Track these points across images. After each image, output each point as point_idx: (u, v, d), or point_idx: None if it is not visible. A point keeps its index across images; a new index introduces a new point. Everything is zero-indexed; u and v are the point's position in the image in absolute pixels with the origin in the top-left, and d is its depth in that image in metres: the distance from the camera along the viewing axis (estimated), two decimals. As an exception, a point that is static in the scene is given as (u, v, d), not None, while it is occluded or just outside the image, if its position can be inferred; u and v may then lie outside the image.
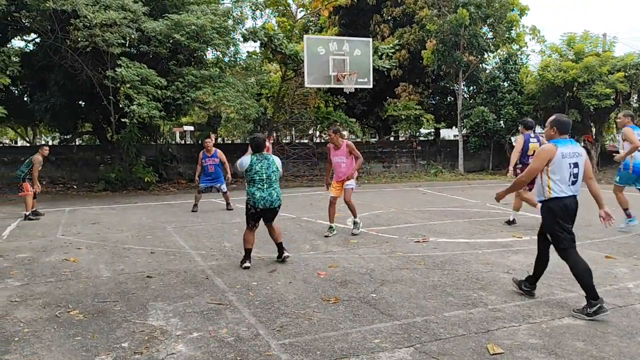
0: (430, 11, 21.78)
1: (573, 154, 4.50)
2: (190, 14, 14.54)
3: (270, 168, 6.19)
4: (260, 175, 6.14)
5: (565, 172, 4.45)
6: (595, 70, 18.60)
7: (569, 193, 4.49)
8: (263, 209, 6.17)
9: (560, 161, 4.44)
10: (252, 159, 6.20)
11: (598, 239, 7.50)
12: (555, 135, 4.57)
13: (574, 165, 4.48)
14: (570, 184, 4.49)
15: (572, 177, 4.48)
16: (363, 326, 4.14)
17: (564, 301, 4.70)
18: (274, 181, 6.23)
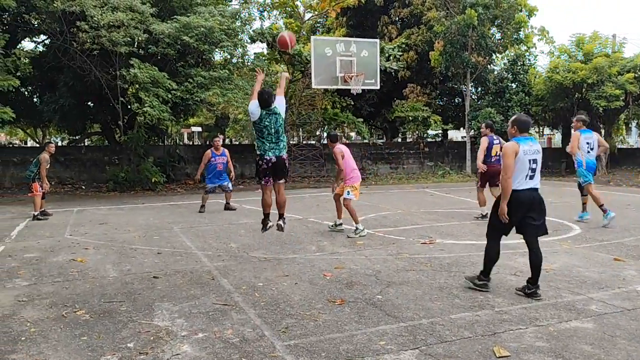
0: (438, 12, 21.71)
1: (533, 151, 4.88)
2: (198, 15, 14.60)
3: (278, 122, 6.50)
4: (268, 129, 6.44)
5: (524, 168, 4.83)
6: (605, 71, 18.48)
7: (525, 187, 4.87)
8: (271, 159, 6.47)
9: (522, 158, 4.82)
10: (261, 113, 6.42)
11: (607, 241, 7.43)
12: (516, 133, 4.94)
13: (532, 161, 4.86)
14: (528, 179, 4.87)
15: (530, 172, 4.87)
16: (368, 328, 4.12)
17: (571, 304, 4.66)
18: (280, 134, 6.55)
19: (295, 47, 17.69)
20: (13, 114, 13.60)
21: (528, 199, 4.89)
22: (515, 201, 4.85)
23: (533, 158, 4.86)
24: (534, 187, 4.93)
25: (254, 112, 6.44)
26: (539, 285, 4.90)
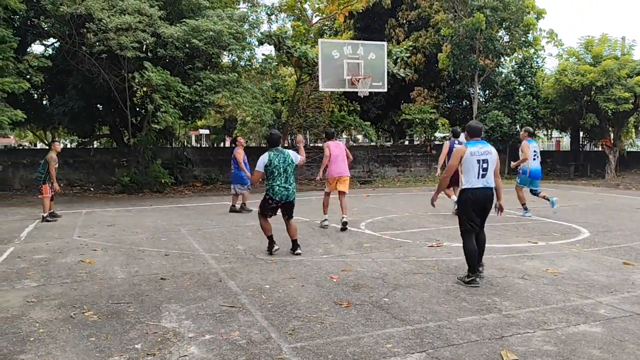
0: (446, 15, 21.67)
1: (483, 152, 5.43)
2: (206, 19, 14.66)
3: (287, 161, 6.67)
4: (278, 169, 6.65)
5: (474, 168, 5.37)
6: (614, 73, 18.35)
7: (478, 185, 5.37)
8: (280, 201, 6.68)
9: (469, 158, 5.39)
10: (270, 155, 6.68)
11: (616, 245, 7.38)
12: (468, 138, 5.66)
13: (483, 161, 5.39)
14: (480, 177, 5.38)
15: (481, 171, 5.38)
16: (375, 330, 4.12)
17: (579, 308, 4.63)
18: (290, 174, 6.71)
19: (302, 49, 17.73)
20: (24, 115, 13.72)
21: (483, 196, 5.41)
22: (472, 197, 5.38)
23: (483, 158, 5.39)
24: (488, 186, 5.42)
25: (260, 162, 6.70)
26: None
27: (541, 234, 8.30)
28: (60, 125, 20.42)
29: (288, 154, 6.76)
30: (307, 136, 24.29)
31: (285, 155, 6.71)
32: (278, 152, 6.70)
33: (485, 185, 5.40)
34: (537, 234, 8.37)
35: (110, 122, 19.44)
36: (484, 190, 5.40)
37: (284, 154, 6.73)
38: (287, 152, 6.80)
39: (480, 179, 5.37)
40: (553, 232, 8.55)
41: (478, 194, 5.38)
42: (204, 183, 19.25)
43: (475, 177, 5.37)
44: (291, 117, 20.28)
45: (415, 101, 23.02)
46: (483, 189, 5.39)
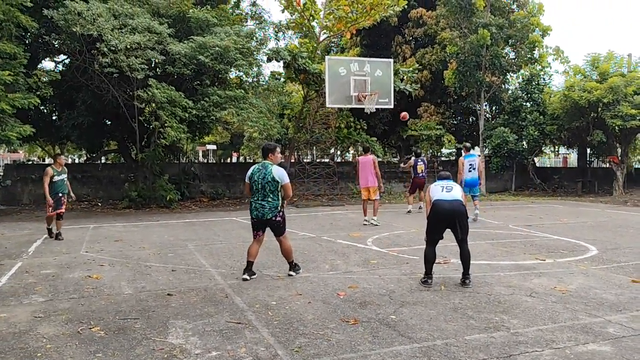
0: (452, 32, 21.83)
1: (447, 185, 6.31)
2: (214, 35, 14.85)
3: (266, 178, 6.32)
4: (256, 185, 6.38)
5: (436, 190, 6.28)
6: (620, 90, 18.36)
7: (443, 198, 6.11)
8: (255, 219, 6.44)
9: (434, 187, 6.38)
10: (253, 168, 6.46)
11: (624, 263, 7.32)
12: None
13: (446, 185, 6.29)
14: (445, 192, 6.18)
15: (445, 190, 6.20)
16: (382, 348, 4.10)
17: (588, 326, 4.59)
18: (268, 192, 6.32)
19: (315, 66, 17.86)
20: (32, 129, 13.88)
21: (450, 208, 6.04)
22: (437, 210, 6.10)
23: (445, 184, 6.30)
24: (453, 199, 6.08)
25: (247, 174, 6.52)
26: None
27: (549, 251, 8.25)
28: (68, 141, 20.62)
29: (270, 170, 6.30)
30: (313, 152, 24.37)
31: (267, 171, 6.30)
32: (261, 167, 6.38)
33: (450, 198, 6.08)
34: (545, 251, 8.32)
35: (119, 137, 19.62)
36: (450, 203, 6.05)
37: (267, 170, 6.32)
38: (271, 168, 6.33)
39: (445, 194, 6.15)
40: (561, 249, 8.50)
41: (442, 207, 6.05)
42: (211, 198, 19.32)
43: (440, 193, 6.18)
44: (298, 133, 20.38)
45: (422, 117, 23.09)
46: (449, 201, 6.06)
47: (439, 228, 6.14)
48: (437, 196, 6.18)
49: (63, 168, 9.98)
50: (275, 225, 6.46)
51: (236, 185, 20.89)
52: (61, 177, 9.83)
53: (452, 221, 6.05)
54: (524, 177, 23.50)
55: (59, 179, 9.75)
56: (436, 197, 6.17)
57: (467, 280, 6.07)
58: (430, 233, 6.20)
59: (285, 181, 6.37)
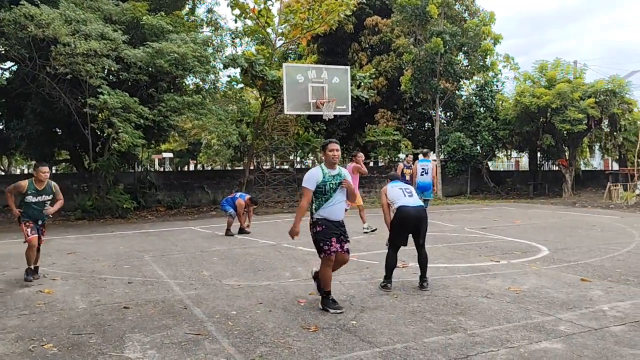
0: (407, 40, 22.29)
1: (403, 186, 6.39)
2: (170, 42, 14.64)
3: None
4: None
5: (397, 193, 6.28)
6: (567, 96, 19.14)
7: (408, 204, 6.12)
8: None
9: (391, 189, 6.37)
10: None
11: (574, 262, 7.62)
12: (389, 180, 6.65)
13: (405, 188, 6.36)
14: (408, 197, 6.22)
15: (407, 194, 6.25)
16: (343, 354, 4.12)
17: (541, 325, 4.75)
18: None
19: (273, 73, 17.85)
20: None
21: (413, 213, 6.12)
22: (400, 216, 6.11)
23: (403, 187, 6.38)
24: (417, 205, 6.22)
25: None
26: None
27: (503, 253, 8.50)
28: (17, 150, 19.85)
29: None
30: (272, 158, 24.30)
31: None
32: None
33: (413, 204, 6.17)
34: (499, 252, 8.57)
35: (70, 146, 19.03)
36: (413, 208, 6.14)
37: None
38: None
39: (408, 198, 6.21)
40: (514, 250, 8.77)
41: (406, 212, 6.12)
42: (168, 208, 18.96)
43: (403, 198, 6.21)
44: (256, 139, 20.30)
45: (379, 123, 23.42)
46: (412, 207, 6.14)
47: (405, 234, 6.21)
48: (401, 201, 6.17)
49: (47, 185, 6.95)
50: None
51: (194, 194, 20.59)
52: (40, 198, 6.88)
53: (417, 227, 6.15)
54: (479, 180, 24.15)
55: (35, 200, 6.86)
56: (401, 203, 6.15)
57: (424, 283, 6.18)
58: (395, 239, 6.25)
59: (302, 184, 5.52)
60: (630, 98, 20.11)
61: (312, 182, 5.39)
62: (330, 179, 5.39)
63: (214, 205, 19.20)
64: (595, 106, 19.16)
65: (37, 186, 6.91)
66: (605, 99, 19.41)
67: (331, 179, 5.40)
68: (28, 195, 6.85)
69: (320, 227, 5.36)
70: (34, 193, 6.88)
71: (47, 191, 7.01)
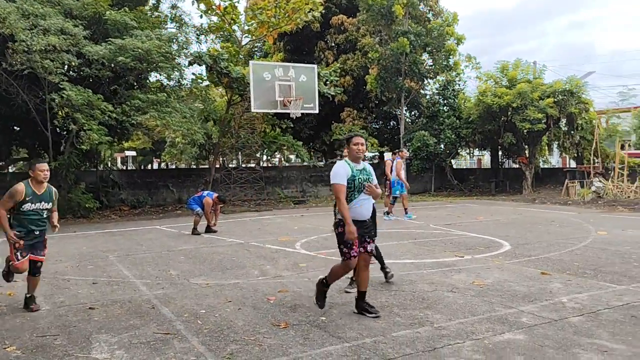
0: (372, 39, 22.50)
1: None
2: (134, 38, 14.36)
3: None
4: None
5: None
6: (527, 96, 19.69)
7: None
8: None
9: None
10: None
11: (534, 257, 7.88)
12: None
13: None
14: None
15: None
16: (313, 350, 4.17)
17: (504, 317, 4.90)
18: None
19: (238, 70, 17.73)
20: None
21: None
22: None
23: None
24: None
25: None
26: None
27: (467, 248, 8.71)
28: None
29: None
30: (239, 157, 24.16)
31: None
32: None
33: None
34: (463, 248, 8.78)
35: (29, 144, 18.44)
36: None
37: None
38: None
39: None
40: (478, 245, 9.00)
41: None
42: (132, 207, 18.61)
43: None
44: (223, 137, 20.13)
45: (345, 122, 23.57)
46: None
47: None
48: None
49: (47, 190, 5.56)
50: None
51: (159, 193, 20.27)
52: (39, 205, 5.45)
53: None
54: (443, 178, 24.60)
55: (33, 208, 5.41)
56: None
57: (388, 271, 6.31)
58: None
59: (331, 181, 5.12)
60: (587, 98, 20.83)
61: (343, 177, 4.97)
62: (358, 173, 5.05)
63: (179, 204, 18.95)
64: (554, 106, 19.77)
65: (35, 190, 5.44)
66: (563, 99, 20.05)
67: (359, 173, 5.06)
68: (25, 204, 5.33)
69: (343, 229, 5.03)
70: (32, 199, 5.38)
71: (47, 197, 5.52)
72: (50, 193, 5.62)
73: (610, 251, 8.20)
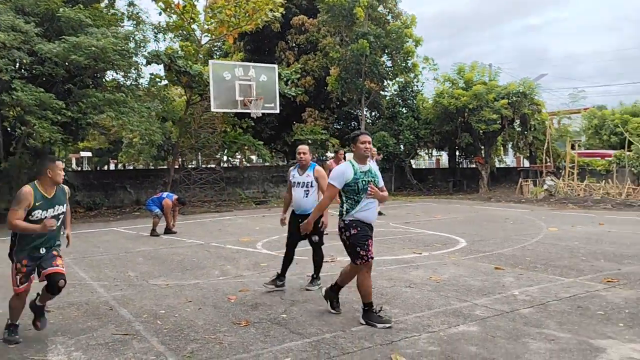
0: (333, 39, 22.68)
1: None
2: (89, 36, 14.00)
3: None
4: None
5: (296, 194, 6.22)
6: (483, 97, 20.27)
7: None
8: None
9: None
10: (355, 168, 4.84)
11: (488, 252, 8.15)
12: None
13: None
14: None
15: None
16: (274, 346, 4.22)
17: (459, 310, 5.08)
18: None
19: (197, 68, 17.54)
20: None
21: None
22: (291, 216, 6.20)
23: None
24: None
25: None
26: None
27: (425, 245, 8.93)
28: None
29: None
30: (199, 157, 23.88)
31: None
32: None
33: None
34: (422, 245, 9.00)
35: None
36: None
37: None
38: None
39: None
40: (435, 242, 9.23)
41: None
42: (88, 209, 18.15)
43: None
44: (182, 137, 19.87)
45: (307, 122, 23.65)
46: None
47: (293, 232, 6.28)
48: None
49: (58, 191, 4.60)
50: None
51: (116, 194, 19.83)
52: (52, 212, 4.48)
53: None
54: (402, 178, 25.02)
55: (46, 216, 4.41)
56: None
57: (313, 283, 6.13)
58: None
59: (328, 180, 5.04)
60: (539, 99, 21.60)
61: (340, 180, 4.76)
62: (362, 175, 4.76)
63: (138, 206, 18.60)
64: (508, 107, 20.41)
65: (45, 193, 4.46)
66: (517, 100, 20.72)
67: (363, 175, 4.77)
68: (35, 210, 4.36)
69: (356, 230, 4.75)
70: (43, 205, 4.41)
71: (60, 199, 4.56)
72: (62, 191, 4.64)
73: (560, 246, 8.56)
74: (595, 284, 5.98)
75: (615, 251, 8.03)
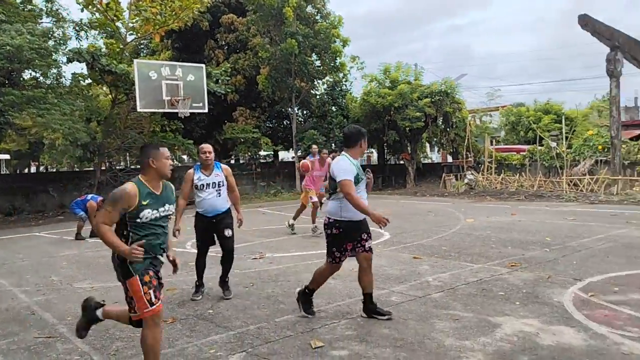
0: (263, 39, 22.78)
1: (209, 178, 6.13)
2: (3, 33, 13.37)
3: None
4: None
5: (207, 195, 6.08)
6: (408, 96, 21.12)
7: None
8: None
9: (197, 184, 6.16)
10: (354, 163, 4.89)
11: (409, 244, 8.65)
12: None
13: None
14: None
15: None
16: (199, 340, 4.38)
17: (377, 297, 5.39)
18: None
19: (122, 67, 17.11)
20: None
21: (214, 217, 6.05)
22: (201, 218, 6.15)
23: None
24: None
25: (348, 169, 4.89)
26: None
27: (351, 240, 9.30)
28: None
29: None
30: (126, 158, 23.27)
31: None
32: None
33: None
34: (348, 239, 9.36)
35: None
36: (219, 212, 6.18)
37: None
38: None
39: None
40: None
41: (206, 217, 6.25)
42: (7, 214, 17.29)
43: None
44: (107, 138, 19.31)
45: (238, 121, 23.63)
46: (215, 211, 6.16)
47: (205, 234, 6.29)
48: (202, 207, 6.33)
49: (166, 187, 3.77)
50: None
51: (37, 198, 18.97)
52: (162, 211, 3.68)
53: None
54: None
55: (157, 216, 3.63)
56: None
57: (225, 288, 5.87)
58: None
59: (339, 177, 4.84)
60: (460, 98, 22.79)
61: (350, 173, 4.71)
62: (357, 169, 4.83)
63: (61, 210, 17.91)
64: (432, 105, 21.39)
65: (153, 189, 3.62)
66: (439, 99, 21.74)
67: (356, 168, 4.83)
68: (143, 210, 3.52)
69: (338, 230, 4.77)
70: (152, 203, 3.57)
71: (169, 197, 3.73)
72: (171, 188, 3.80)
73: (474, 236, 9.21)
74: (500, 269, 6.56)
75: (522, 238, 8.76)
